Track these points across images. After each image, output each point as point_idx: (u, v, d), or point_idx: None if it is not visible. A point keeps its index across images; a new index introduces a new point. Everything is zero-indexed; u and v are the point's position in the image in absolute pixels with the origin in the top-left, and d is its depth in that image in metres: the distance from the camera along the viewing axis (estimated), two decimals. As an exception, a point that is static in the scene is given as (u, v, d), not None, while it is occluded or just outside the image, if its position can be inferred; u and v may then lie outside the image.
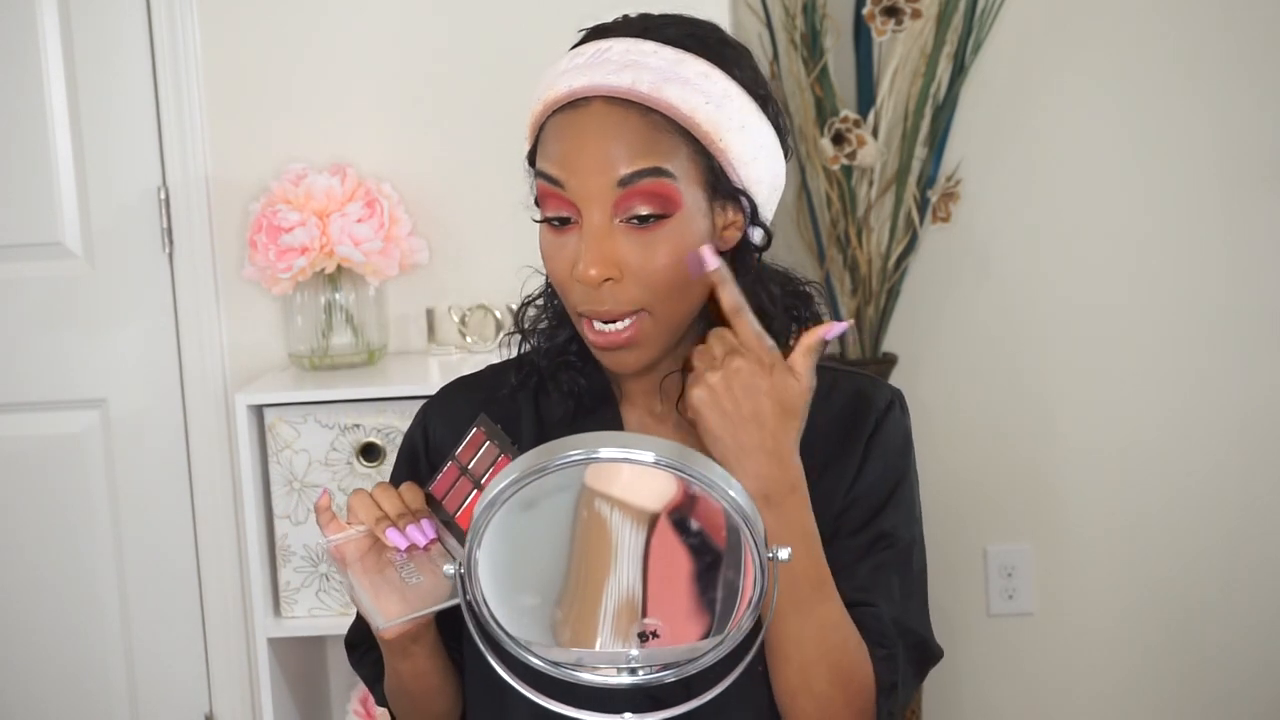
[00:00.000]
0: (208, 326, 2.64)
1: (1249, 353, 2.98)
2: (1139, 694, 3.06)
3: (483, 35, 2.61)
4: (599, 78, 1.36)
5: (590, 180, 1.35)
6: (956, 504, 3.01)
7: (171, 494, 2.67)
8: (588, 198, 1.35)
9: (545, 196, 1.38)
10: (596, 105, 1.36)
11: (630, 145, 1.35)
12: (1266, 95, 2.93)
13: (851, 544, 1.43)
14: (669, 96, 1.35)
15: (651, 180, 1.34)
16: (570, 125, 1.37)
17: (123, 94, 2.62)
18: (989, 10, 2.81)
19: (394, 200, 2.55)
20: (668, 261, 1.36)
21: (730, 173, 1.39)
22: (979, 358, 3.01)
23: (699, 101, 1.36)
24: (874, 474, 1.46)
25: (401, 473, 1.52)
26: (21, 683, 2.70)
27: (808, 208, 2.89)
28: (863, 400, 1.47)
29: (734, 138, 1.38)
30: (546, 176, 1.37)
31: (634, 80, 1.35)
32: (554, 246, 1.38)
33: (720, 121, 1.37)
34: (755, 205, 1.42)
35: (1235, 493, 3.01)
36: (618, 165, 1.34)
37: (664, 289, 1.36)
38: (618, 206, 1.35)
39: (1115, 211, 2.97)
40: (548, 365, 1.47)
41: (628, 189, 1.34)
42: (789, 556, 1.18)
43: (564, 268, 1.38)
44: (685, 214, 1.36)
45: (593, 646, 1.21)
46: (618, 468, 1.17)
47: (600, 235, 1.35)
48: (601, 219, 1.35)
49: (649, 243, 1.35)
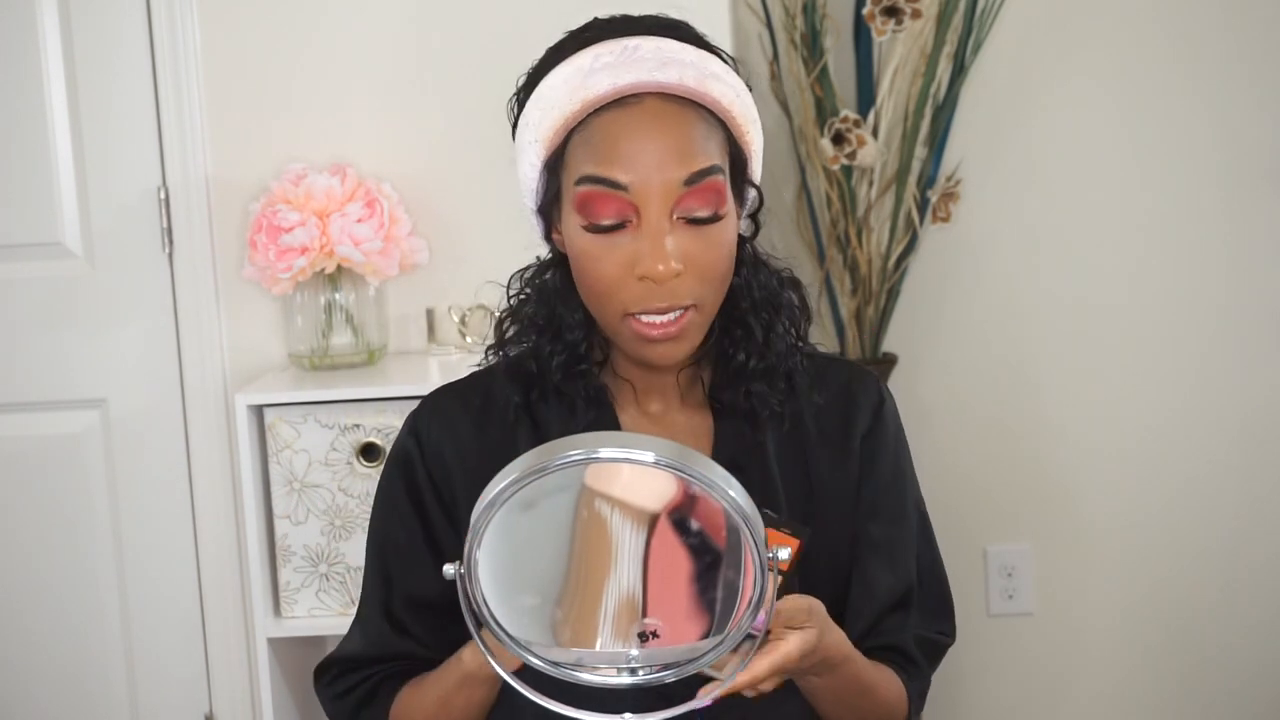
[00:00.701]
0: (208, 326, 2.64)
1: (1249, 353, 2.98)
2: (1139, 694, 3.06)
3: (483, 35, 2.61)
4: (645, 74, 1.34)
5: (655, 179, 1.33)
6: (956, 504, 3.00)
7: (171, 494, 2.67)
8: (651, 196, 1.34)
9: (596, 201, 1.35)
10: (650, 102, 1.35)
11: (691, 142, 1.35)
12: (1266, 95, 2.93)
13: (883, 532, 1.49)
14: (712, 91, 1.36)
15: (712, 179, 1.35)
16: (625, 124, 1.35)
17: (123, 94, 2.62)
18: (989, 10, 2.81)
19: (394, 200, 2.55)
20: (722, 253, 1.37)
21: (750, 165, 1.42)
22: (979, 358, 3.01)
23: (732, 96, 1.38)
24: (886, 473, 1.49)
25: (396, 482, 1.50)
26: (21, 683, 2.70)
27: (808, 208, 2.89)
28: (850, 396, 1.50)
29: (754, 130, 1.41)
30: (602, 180, 1.34)
31: (680, 75, 1.35)
32: (602, 248, 1.36)
33: (746, 115, 1.40)
34: (761, 199, 1.45)
35: (1235, 492, 3.01)
36: (683, 163, 1.34)
37: (718, 281, 1.38)
38: (680, 204, 1.34)
39: (1115, 211, 2.97)
40: (562, 377, 1.45)
41: (692, 188, 1.34)
42: (788, 556, 1.18)
43: (617, 270, 1.35)
44: (729, 208, 1.38)
45: (593, 646, 1.21)
46: (618, 468, 1.17)
47: (665, 231, 1.34)
48: (662, 216, 1.34)
49: (705, 236, 1.36)
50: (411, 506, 1.49)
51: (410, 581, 1.49)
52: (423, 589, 1.47)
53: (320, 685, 1.54)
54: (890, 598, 1.49)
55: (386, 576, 1.50)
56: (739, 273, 1.43)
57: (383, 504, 1.52)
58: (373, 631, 1.51)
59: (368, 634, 1.51)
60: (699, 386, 1.48)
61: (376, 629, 1.50)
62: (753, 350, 1.44)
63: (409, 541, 1.49)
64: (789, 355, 1.46)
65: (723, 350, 1.46)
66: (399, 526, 1.49)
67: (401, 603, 1.49)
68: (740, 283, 1.44)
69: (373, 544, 1.52)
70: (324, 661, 1.55)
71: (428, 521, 1.48)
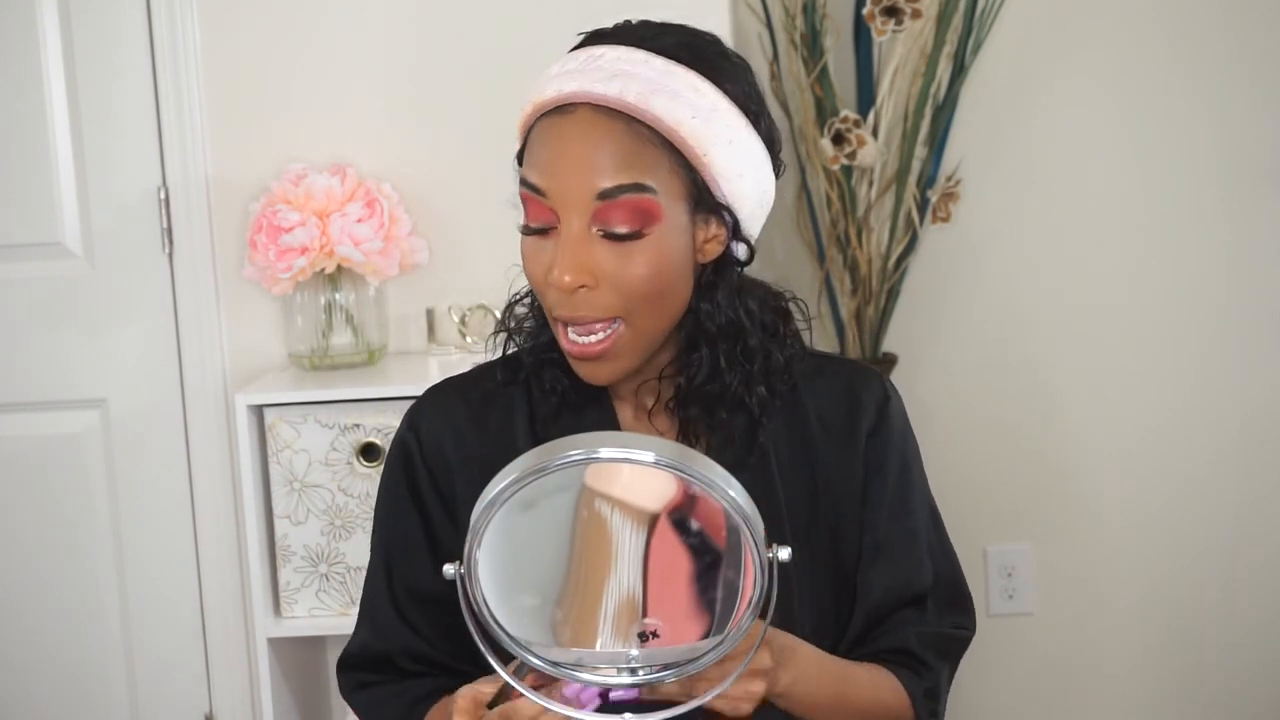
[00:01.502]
0: (208, 326, 2.64)
1: (1249, 353, 2.98)
2: (1139, 694, 3.06)
3: (483, 35, 2.61)
4: (587, 84, 1.35)
5: (570, 188, 1.34)
6: (956, 504, 2.99)
7: (171, 494, 2.67)
8: (567, 205, 1.35)
9: (526, 202, 1.38)
10: (583, 112, 1.35)
11: (613, 156, 1.34)
12: (1266, 95, 2.93)
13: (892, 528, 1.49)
14: (655, 109, 1.34)
15: (632, 196, 1.34)
16: (555, 131, 1.36)
17: (123, 94, 2.62)
18: (989, 10, 2.81)
19: (394, 200, 2.55)
20: (645, 272, 1.35)
21: (714, 187, 1.38)
22: (979, 358, 3.01)
23: (685, 115, 1.35)
24: (892, 470, 1.48)
25: (397, 478, 1.51)
26: (21, 683, 2.70)
27: (808, 208, 2.89)
28: (854, 395, 1.49)
29: (719, 152, 1.37)
30: (528, 185, 1.37)
31: (622, 90, 1.34)
32: (532, 249, 1.39)
33: (705, 136, 1.36)
34: (738, 220, 1.41)
35: (1235, 493, 3.01)
36: (599, 177, 1.34)
37: (640, 298, 1.36)
38: (596, 217, 1.34)
39: (1115, 211, 2.97)
40: (532, 363, 1.47)
41: (607, 202, 1.34)
42: (789, 557, 1.18)
43: (540, 272, 1.38)
44: (664, 226, 1.35)
45: (593, 646, 1.21)
46: (618, 468, 1.17)
47: (577, 243, 1.35)
48: (580, 227, 1.35)
49: (626, 253, 1.35)
50: (411, 500, 1.49)
51: (411, 575, 1.49)
52: (423, 583, 1.48)
53: (349, 689, 1.54)
54: (889, 598, 1.48)
55: (389, 569, 1.51)
56: (707, 297, 1.41)
57: (384, 497, 1.52)
58: (382, 623, 1.51)
59: (377, 625, 1.51)
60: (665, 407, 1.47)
61: (385, 620, 1.50)
62: (701, 370, 1.42)
63: (409, 535, 1.49)
64: (749, 381, 1.43)
65: (678, 369, 1.45)
66: (399, 520, 1.50)
67: (404, 595, 1.50)
68: (707, 307, 1.41)
69: (377, 537, 1.53)
70: (343, 662, 1.54)
71: (427, 515, 1.48)
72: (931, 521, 1.54)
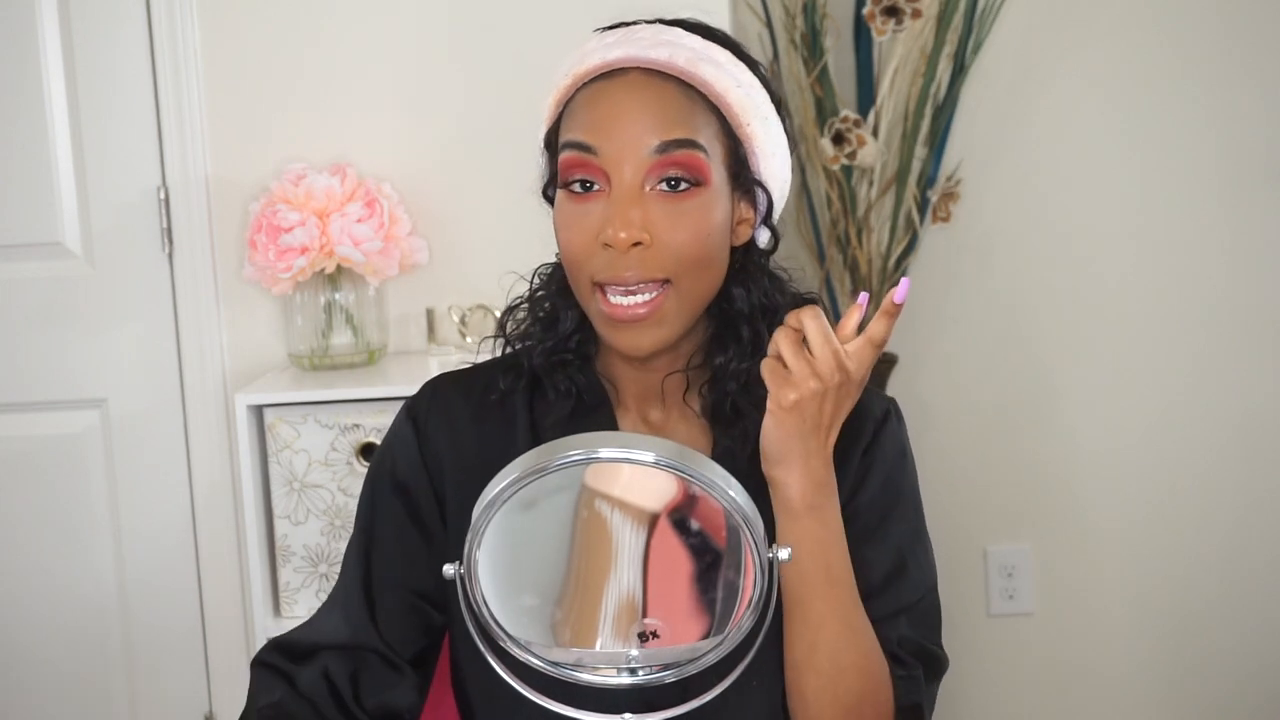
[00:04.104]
0: (207, 326, 2.64)
1: (1249, 352, 2.98)
2: (1139, 694, 3.06)
3: (483, 35, 2.61)
4: (634, 50, 1.36)
5: (625, 145, 1.34)
6: (956, 504, 3.01)
7: (171, 494, 2.67)
8: (620, 162, 1.34)
9: (571, 166, 1.36)
10: (633, 75, 1.36)
11: (667, 114, 1.35)
12: (1266, 95, 2.94)
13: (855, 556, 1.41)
14: (704, 73, 1.36)
15: (686, 151, 1.35)
16: (604, 94, 1.36)
17: (123, 94, 2.62)
18: (989, 10, 2.81)
19: (394, 200, 2.55)
20: (695, 233, 1.35)
21: (753, 160, 1.40)
22: (979, 357, 3.01)
23: (730, 84, 1.38)
24: (874, 487, 1.46)
25: (387, 465, 1.49)
26: (22, 683, 2.70)
27: (808, 208, 2.89)
28: (858, 414, 1.46)
29: (759, 126, 1.39)
30: (576, 145, 1.36)
31: (671, 55, 1.36)
32: (574, 215, 1.37)
33: (749, 107, 1.39)
34: (771, 202, 1.43)
35: (1235, 493, 3.01)
36: (654, 132, 1.34)
37: (689, 261, 1.36)
38: (651, 172, 1.34)
39: (1115, 211, 2.97)
40: (543, 363, 1.46)
41: (663, 156, 1.34)
42: (789, 556, 1.18)
43: (585, 237, 1.36)
44: (712, 192, 1.37)
45: (593, 646, 1.21)
46: (618, 468, 1.17)
47: (631, 199, 1.34)
48: (633, 183, 1.34)
49: (679, 211, 1.35)
50: (401, 491, 1.48)
51: (387, 566, 1.47)
52: (400, 575, 1.46)
53: (259, 661, 1.49)
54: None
55: (368, 559, 1.49)
56: (739, 281, 1.42)
57: (371, 486, 1.50)
58: (354, 617, 1.48)
59: (350, 619, 1.48)
60: (695, 397, 1.46)
61: (358, 614, 1.47)
62: (738, 353, 1.42)
63: (394, 526, 1.47)
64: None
65: (710, 354, 1.44)
66: (385, 511, 1.48)
67: (378, 586, 1.47)
68: (740, 290, 1.42)
69: (359, 526, 1.51)
70: (304, 648, 1.49)
71: (414, 506, 1.47)
72: (915, 547, 1.46)
